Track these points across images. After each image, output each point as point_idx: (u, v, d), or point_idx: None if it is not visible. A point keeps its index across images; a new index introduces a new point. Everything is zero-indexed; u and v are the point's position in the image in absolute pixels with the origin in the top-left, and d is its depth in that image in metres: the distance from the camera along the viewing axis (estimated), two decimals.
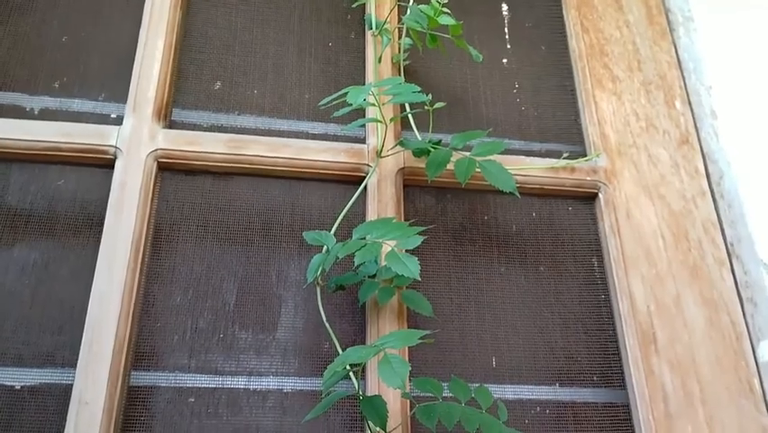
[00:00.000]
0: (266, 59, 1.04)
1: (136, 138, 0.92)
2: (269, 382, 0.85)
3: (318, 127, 1.01)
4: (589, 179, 0.99)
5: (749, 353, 0.90)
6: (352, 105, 0.75)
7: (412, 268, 0.71)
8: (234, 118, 1.00)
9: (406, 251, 0.75)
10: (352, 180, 0.95)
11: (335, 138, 1.00)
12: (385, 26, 0.96)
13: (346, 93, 0.78)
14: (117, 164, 0.90)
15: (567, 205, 1.00)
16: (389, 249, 0.75)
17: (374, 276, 0.85)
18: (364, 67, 1.04)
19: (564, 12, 1.14)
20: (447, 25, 0.92)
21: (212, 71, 1.02)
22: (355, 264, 0.73)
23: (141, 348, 0.84)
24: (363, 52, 1.06)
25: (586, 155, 1.03)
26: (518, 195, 0.86)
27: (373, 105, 0.84)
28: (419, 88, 0.80)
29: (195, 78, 1.01)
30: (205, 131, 0.98)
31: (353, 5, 0.93)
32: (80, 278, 0.86)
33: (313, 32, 1.07)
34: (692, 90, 1.08)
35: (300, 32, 1.07)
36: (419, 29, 0.94)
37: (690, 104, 1.07)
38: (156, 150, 0.91)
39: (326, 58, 1.06)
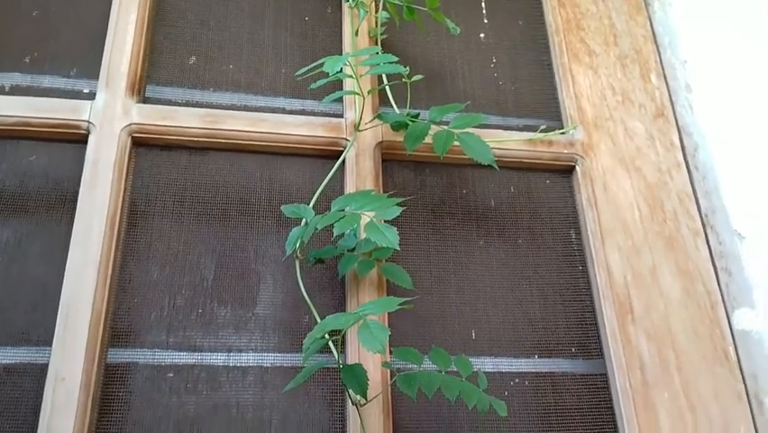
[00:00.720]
0: (241, 34, 1.03)
1: (109, 112, 0.90)
2: (249, 358, 0.84)
3: (295, 103, 1.00)
4: (566, 152, 0.99)
5: (724, 321, 0.91)
6: (329, 76, 0.74)
7: (391, 238, 0.71)
8: (210, 95, 0.99)
9: (385, 222, 0.75)
10: (329, 155, 0.94)
11: (313, 114, 0.99)
12: None
13: (323, 63, 0.78)
14: (90, 139, 0.88)
15: (545, 178, 1.00)
16: (368, 220, 0.74)
17: (353, 249, 0.84)
18: (341, 41, 1.03)
19: None
20: None
21: (186, 46, 1.00)
22: (334, 235, 0.72)
23: (119, 325, 0.83)
24: (340, 27, 1.05)
25: (563, 127, 1.03)
26: (497, 167, 0.86)
27: (350, 76, 0.83)
28: (396, 59, 0.79)
29: (169, 53, 1.00)
30: (179, 103, 0.96)
31: None
32: (54, 255, 0.85)
33: (289, 7, 1.06)
34: (667, 64, 1.08)
35: (276, 5, 1.06)
36: (396, 2, 0.93)
37: (665, 78, 1.07)
38: (130, 124, 0.90)
39: (303, 32, 1.04)
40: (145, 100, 0.96)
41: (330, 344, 0.78)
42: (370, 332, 0.62)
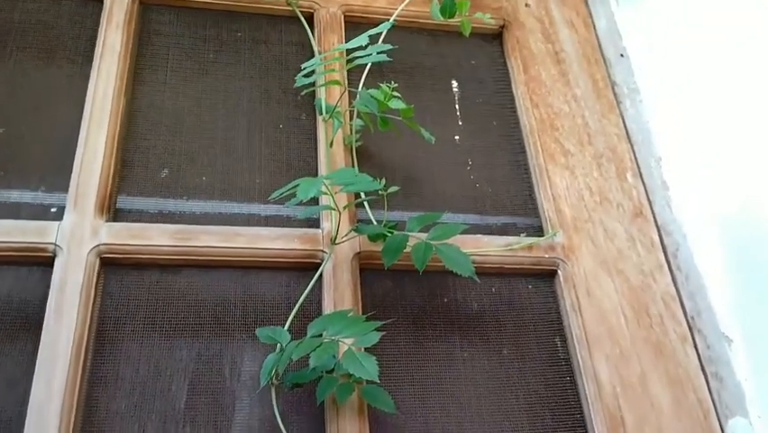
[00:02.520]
0: (214, 144, 1.01)
1: (78, 234, 0.87)
2: None
3: (270, 209, 0.98)
4: (547, 256, 0.97)
5: (717, 432, 0.87)
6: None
7: (370, 369, 0.68)
8: (183, 204, 0.96)
9: (365, 348, 0.71)
10: (306, 267, 0.91)
11: (288, 221, 0.96)
12: (336, 110, 0.95)
13: (297, 185, 0.76)
14: (57, 262, 0.85)
15: (527, 283, 0.98)
16: (346, 348, 0.71)
17: (332, 371, 0.80)
18: (316, 148, 1.02)
19: (513, 87, 1.14)
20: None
21: (158, 158, 0.98)
22: (311, 367, 0.69)
23: None
24: (315, 133, 1.03)
25: (542, 228, 1.02)
26: (477, 279, 0.84)
27: (325, 194, 0.81)
28: (371, 178, 0.77)
29: (140, 167, 0.97)
30: (152, 218, 0.94)
31: (301, 94, 0.92)
32: (17, 387, 0.80)
33: (263, 114, 1.05)
34: (643, 162, 1.08)
35: (249, 114, 1.05)
36: (370, 111, 0.92)
37: (641, 176, 1.07)
38: (98, 245, 0.87)
39: (277, 140, 1.03)
40: (116, 213, 0.93)
41: None
42: None
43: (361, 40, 0.79)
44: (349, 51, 0.86)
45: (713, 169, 1.03)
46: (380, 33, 0.92)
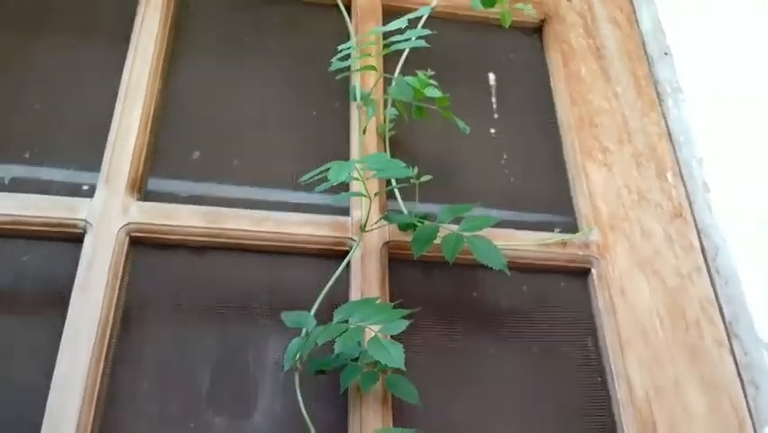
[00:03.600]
0: (248, 129, 1.01)
1: (107, 212, 0.87)
2: None
3: (301, 197, 0.97)
4: (581, 253, 0.94)
5: None
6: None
7: (396, 357, 0.66)
8: (214, 187, 0.96)
9: (391, 336, 0.70)
10: (335, 255, 0.90)
11: (318, 209, 0.95)
12: (370, 97, 0.93)
13: (329, 168, 0.74)
14: (86, 239, 0.85)
15: (559, 280, 0.95)
16: (372, 335, 0.69)
17: (357, 359, 0.79)
18: (349, 136, 1.01)
19: (552, 83, 1.12)
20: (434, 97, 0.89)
21: (191, 141, 0.98)
22: (335, 352, 0.67)
23: None
24: (348, 121, 1.02)
25: (577, 226, 1.00)
26: (508, 272, 0.82)
27: (357, 179, 0.80)
28: (404, 165, 0.76)
29: (173, 148, 0.97)
30: (182, 201, 0.93)
31: (336, 77, 0.91)
32: (42, 361, 0.80)
33: (297, 101, 1.04)
34: (684, 162, 1.05)
35: (283, 99, 1.04)
36: (405, 100, 0.90)
37: (681, 176, 1.04)
38: (128, 224, 0.86)
39: (310, 127, 1.02)
40: (146, 195, 0.93)
41: None
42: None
43: (400, 23, 0.77)
44: (386, 36, 0.84)
45: (755, 171, 0.99)
46: (419, 19, 0.90)
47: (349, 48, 0.82)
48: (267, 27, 1.10)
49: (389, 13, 1.13)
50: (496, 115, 1.09)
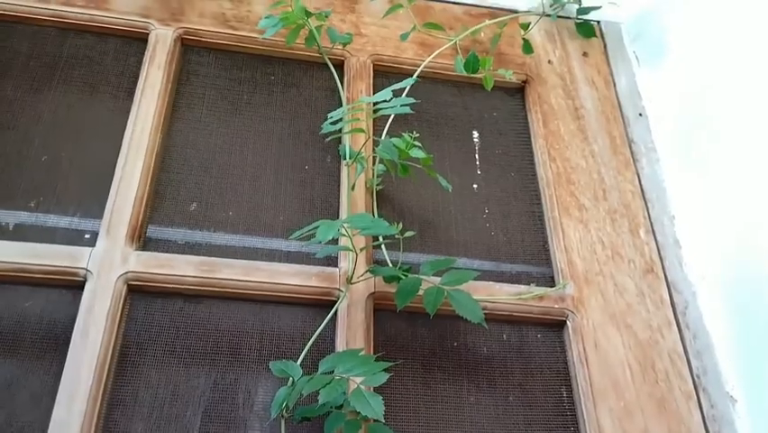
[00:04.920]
0: (243, 181, 1.05)
1: (108, 261, 0.91)
2: None
3: (292, 245, 1.01)
4: (557, 306, 0.99)
5: None
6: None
7: (376, 408, 0.70)
8: (209, 236, 1.00)
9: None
10: (322, 304, 0.94)
11: (308, 258, 1.00)
12: (360, 155, 0.98)
13: (317, 227, 0.79)
14: (87, 286, 0.89)
15: (536, 332, 0.99)
16: (355, 387, 0.73)
17: (341, 407, 0.82)
18: (339, 190, 1.06)
19: (533, 140, 1.17)
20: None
21: (188, 192, 1.03)
22: (320, 402, 0.71)
23: None
24: (338, 176, 1.07)
25: (554, 278, 1.04)
26: (486, 326, 0.86)
27: (344, 235, 0.85)
28: (387, 224, 0.80)
29: (171, 199, 1.02)
30: (179, 248, 0.97)
31: (326, 140, 0.96)
32: (42, 404, 0.83)
33: (290, 155, 1.09)
34: (656, 220, 1.10)
35: (278, 153, 1.09)
36: (391, 158, 0.95)
37: (653, 233, 1.09)
38: (127, 272, 0.91)
39: (302, 180, 1.07)
40: (146, 242, 0.97)
41: None
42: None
43: (385, 94, 0.83)
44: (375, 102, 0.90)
45: (725, 229, 1.04)
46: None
47: (339, 114, 0.87)
48: (263, 85, 1.15)
49: (380, 73, 1.19)
50: (479, 171, 1.14)
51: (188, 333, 0.91)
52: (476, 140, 1.17)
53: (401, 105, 0.84)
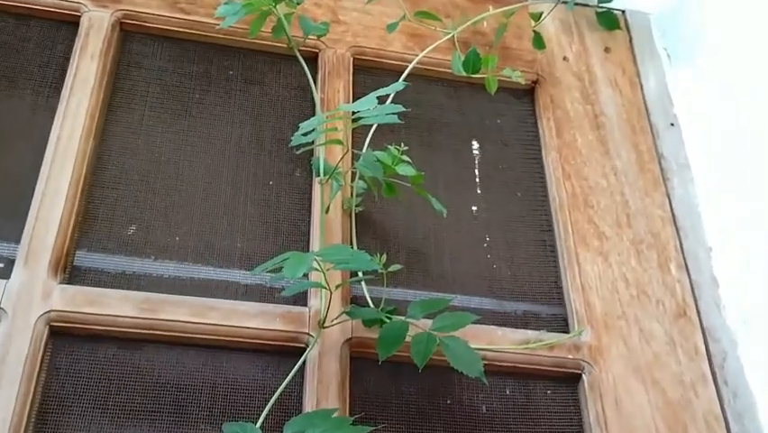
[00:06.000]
0: (193, 198, 1.05)
1: (26, 296, 0.90)
2: None
3: (251, 277, 1.01)
4: (571, 357, 0.99)
5: None
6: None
7: None
8: (151, 266, 1.00)
9: None
10: (288, 352, 0.94)
11: (271, 293, 0.99)
12: (336, 171, 0.98)
13: (285, 259, 0.79)
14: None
15: (546, 387, 1.00)
16: None
17: None
18: (310, 211, 1.06)
19: (543, 154, 1.19)
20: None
21: (126, 212, 1.02)
22: None
23: None
24: (310, 194, 1.07)
25: (567, 321, 1.05)
26: (485, 381, 0.86)
27: (316, 269, 0.85)
28: (369, 257, 0.80)
29: (105, 220, 1.01)
30: (113, 280, 0.97)
31: (296, 152, 0.96)
32: None
33: (251, 168, 1.09)
34: (689, 252, 1.11)
35: (236, 165, 1.09)
36: (372, 175, 0.96)
37: (687, 268, 1.10)
38: (49, 311, 0.90)
39: (265, 199, 1.07)
40: (73, 272, 0.96)
41: None
42: None
43: (369, 102, 0.83)
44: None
45: None
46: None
47: (312, 125, 0.87)
48: (220, 81, 1.15)
49: (361, 68, 1.20)
50: (478, 190, 1.15)
51: (124, 385, 0.91)
52: (476, 152, 1.18)
53: (387, 114, 0.85)
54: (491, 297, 1.07)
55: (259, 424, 0.84)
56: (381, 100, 0.88)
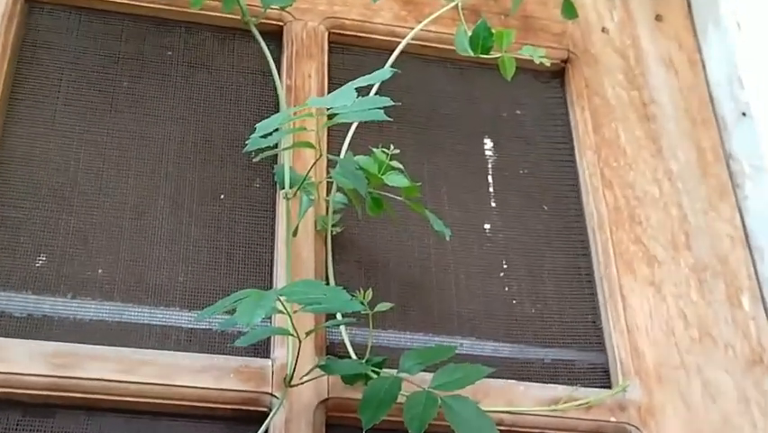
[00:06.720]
0: (121, 219, 1.06)
1: None
2: None
3: (198, 321, 1.01)
4: (614, 420, 1.00)
5: None
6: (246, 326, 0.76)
7: None
8: (67, 305, 1.00)
9: None
10: (246, 418, 0.95)
11: (223, 343, 1.00)
12: (307, 181, 0.99)
13: (239, 300, 0.79)
14: None
15: None
16: None
17: None
18: (273, 234, 1.06)
19: (577, 154, 1.19)
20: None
21: (34, 237, 1.03)
22: None
23: None
24: (273, 212, 1.08)
25: (608, 373, 1.06)
26: None
27: (281, 312, 0.85)
28: (348, 297, 0.81)
29: (6, 249, 1.01)
30: (17, 328, 0.97)
31: (254, 160, 0.96)
32: None
33: (197, 179, 1.10)
34: (767, 281, 1.12)
35: (177, 176, 1.09)
36: (353, 188, 0.96)
37: (764, 302, 1.11)
38: None
39: (216, 218, 1.07)
40: None
41: None
42: None
43: (346, 96, 0.83)
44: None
45: None
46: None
47: (272, 125, 0.87)
48: (155, 64, 1.16)
49: (338, 45, 1.21)
50: (493, 203, 1.16)
51: None
52: (489, 153, 1.19)
53: (370, 110, 0.85)
54: (510, 342, 1.08)
55: None
56: (363, 91, 0.89)
